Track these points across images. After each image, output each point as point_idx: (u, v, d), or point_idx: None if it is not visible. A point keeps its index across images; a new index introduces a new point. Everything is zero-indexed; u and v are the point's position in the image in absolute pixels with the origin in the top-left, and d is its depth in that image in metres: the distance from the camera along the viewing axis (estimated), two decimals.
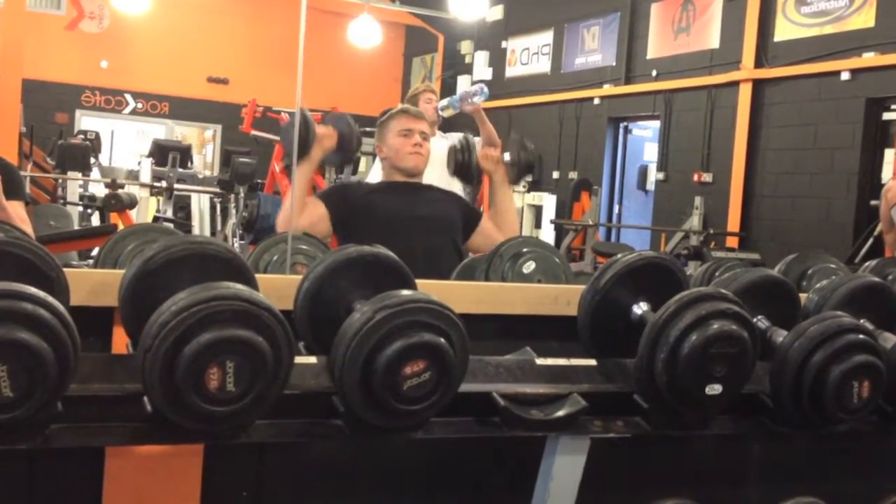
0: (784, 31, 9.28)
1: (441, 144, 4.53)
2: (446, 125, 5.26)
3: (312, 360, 1.56)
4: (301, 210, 3.14)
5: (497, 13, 13.57)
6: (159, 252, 1.53)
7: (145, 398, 1.37)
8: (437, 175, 3.76)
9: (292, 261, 2.14)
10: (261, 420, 1.45)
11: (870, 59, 8.28)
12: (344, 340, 1.45)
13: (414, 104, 5.05)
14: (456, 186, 3.97)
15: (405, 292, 1.51)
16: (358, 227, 3.16)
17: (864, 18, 8.45)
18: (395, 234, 3.00)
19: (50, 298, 1.28)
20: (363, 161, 10.49)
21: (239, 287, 1.38)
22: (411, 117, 3.36)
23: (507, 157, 3.31)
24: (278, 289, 1.70)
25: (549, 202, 11.94)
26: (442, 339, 1.47)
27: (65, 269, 1.54)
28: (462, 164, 3.27)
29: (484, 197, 8.66)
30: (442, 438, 1.59)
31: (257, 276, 1.67)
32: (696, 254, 7.73)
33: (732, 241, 9.38)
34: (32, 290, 1.27)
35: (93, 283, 1.68)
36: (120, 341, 1.65)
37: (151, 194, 8.97)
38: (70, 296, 1.53)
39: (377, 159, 3.65)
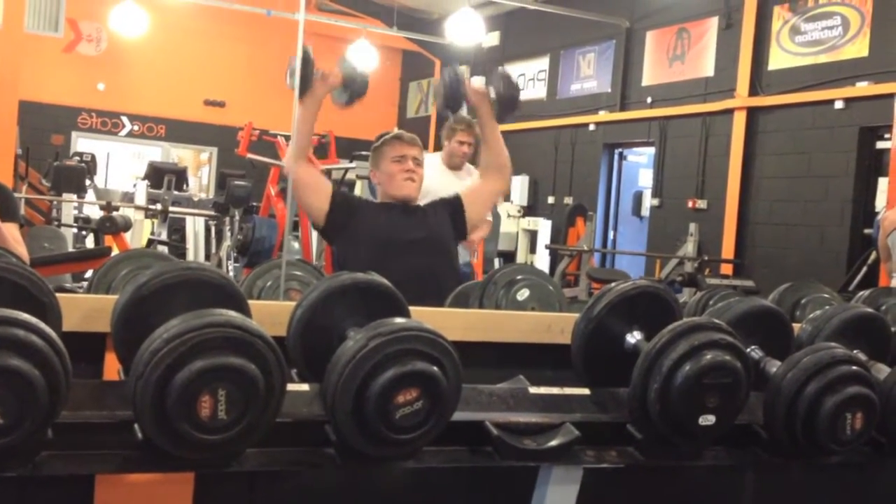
0: (778, 59, 9.34)
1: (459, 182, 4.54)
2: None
3: (305, 387, 1.56)
4: (305, 152, 3.24)
5: (493, 39, 13.64)
6: (152, 278, 1.53)
7: (136, 426, 1.36)
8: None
9: (286, 287, 2.13)
10: (252, 448, 1.44)
11: (863, 88, 8.33)
12: (337, 368, 1.44)
13: (449, 136, 5.07)
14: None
15: (398, 320, 1.51)
16: (352, 240, 3.17)
17: (858, 48, 8.51)
18: (389, 256, 3.02)
19: (42, 325, 1.28)
20: (358, 185, 10.50)
21: (231, 314, 1.38)
22: (405, 143, 3.36)
23: (491, 92, 3.29)
24: (271, 315, 1.70)
25: (544, 227, 11.95)
26: (435, 368, 1.46)
27: (57, 295, 1.53)
28: (450, 95, 3.26)
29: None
30: (434, 467, 1.58)
31: (250, 302, 1.67)
32: (691, 280, 7.73)
33: (727, 268, 9.39)
34: (24, 316, 1.27)
35: (85, 308, 1.67)
36: (112, 367, 1.65)
37: (146, 217, 8.96)
38: (62, 321, 1.53)
39: None
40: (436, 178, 4.35)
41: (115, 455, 1.40)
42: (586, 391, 1.76)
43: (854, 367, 1.70)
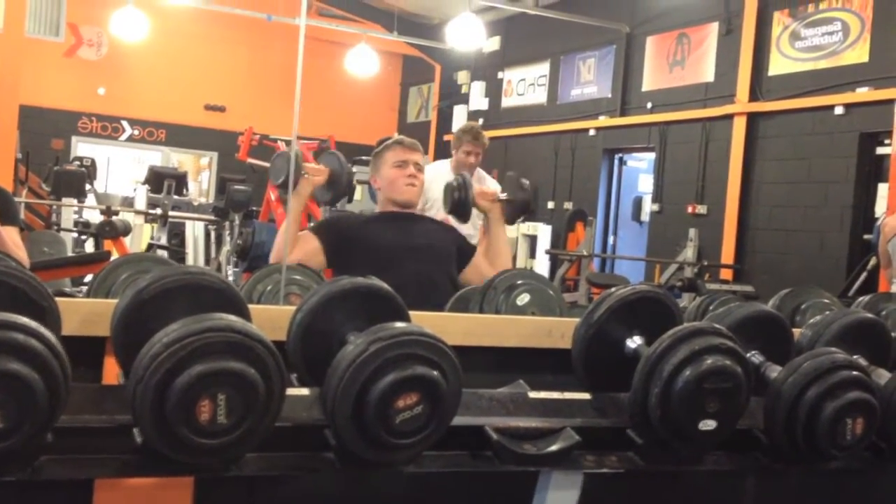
0: (778, 65, 9.35)
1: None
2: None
3: (305, 392, 1.55)
4: (294, 245, 3.14)
5: (494, 44, 13.66)
6: (152, 282, 1.52)
7: (135, 430, 1.36)
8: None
9: (286, 291, 2.13)
10: (251, 453, 1.44)
11: (863, 93, 8.34)
12: (337, 373, 1.44)
13: (456, 146, 5.12)
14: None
15: (399, 324, 1.51)
16: (352, 257, 3.16)
17: (858, 54, 8.52)
18: (390, 263, 3.02)
19: (41, 328, 1.27)
20: (359, 190, 10.50)
21: (231, 318, 1.37)
22: (406, 149, 3.37)
23: (503, 196, 3.33)
24: (271, 319, 1.70)
25: (543, 232, 11.96)
26: (435, 372, 1.46)
27: (57, 299, 1.53)
28: (458, 202, 3.28)
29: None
30: (434, 472, 1.58)
31: (250, 306, 1.67)
32: (691, 286, 7.74)
33: (727, 274, 9.39)
34: (24, 319, 1.26)
35: (85, 312, 1.67)
36: (111, 372, 1.65)
37: (146, 221, 8.97)
38: (62, 325, 1.53)
39: None
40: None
41: (115, 459, 1.40)
42: (586, 396, 1.75)
43: (854, 373, 1.70)
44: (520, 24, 13.22)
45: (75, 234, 8.64)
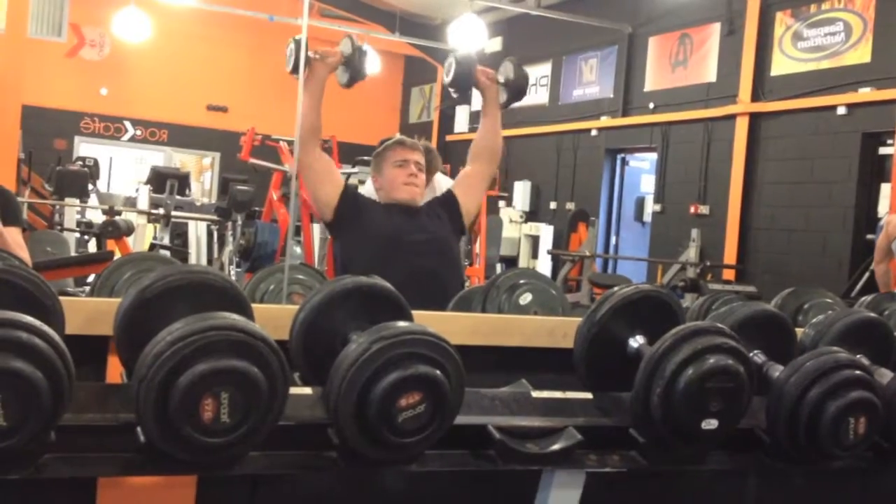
0: (781, 65, 9.34)
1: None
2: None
3: (307, 391, 1.55)
4: (317, 135, 3.21)
5: (496, 45, 13.66)
6: (156, 281, 1.53)
7: (139, 428, 1.36)
8: None
9: (289, 290, 2.13)
10: (254, 451, 1.44)
11: (866, 94, 8.33)
12: (339, 371, 1.44)
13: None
14: None
15: (401, 324, 1.51)
16: (359, 239, 3.17)
17: (861, 54, 8.51)
18: (393, 257, 3.04)
19: (45, 327, 1.28)
20: (361, 190, 10.50)
21: (235, 317, 1.38)
22: (407, 148, 3.38)
23: (500, 77, 3.35)
24: (274, 318, 1.70)
25: (546, 232, 11.96)
26: (438, 372, 1.46)
27: (61, 298, 1.53)
28: (459, 75, 3.29)
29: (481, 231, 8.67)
30: (437, 471, 1.58)
31: (253, 305, 1.67)
32: (693, 286, 7.74)
33: (729, 274, 9.39)
34: (28, 318, 1.27)
35: (88, 311, 1.67)
36: (114, 370, 1.65)
37: (149, 221, 8.97)
38: (66, 324, 1.53)
39: (368, 179, 3.66)
40: None
41: (118, 458, 1.40)
42: (589, 395, 1.75)
43: (857, 372, 1.70)
44: (522, 24, 13.22)
45: (78, 235, 8.64)
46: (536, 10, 12.36)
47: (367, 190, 4.05)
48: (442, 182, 5.13)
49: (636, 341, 1.76)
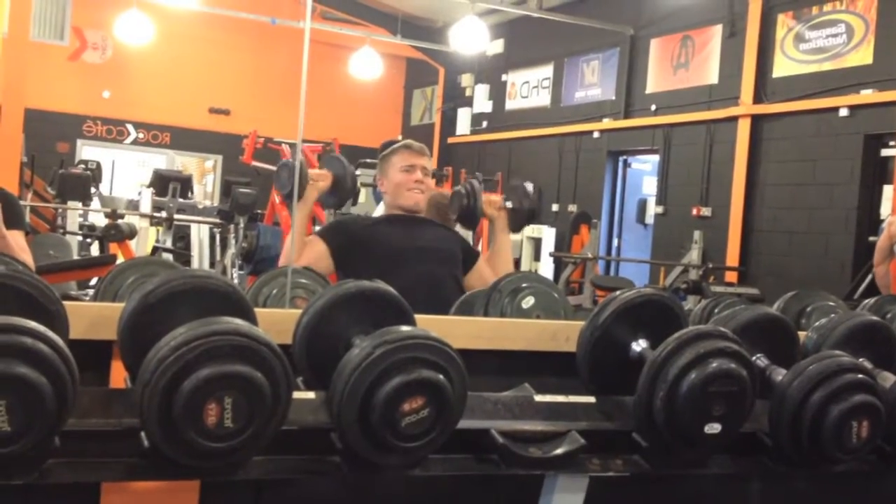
0: (783, 67, 9.34)
1: None
2: None
3: (311, 395, 1.56)
4: (301, 250, 3.14)
5: (497, 47, 13.67)
6: (159, 286, 1.53)
7: (142, 433, 1.36)
8: None
9: (292, 295, 2.13)
10: (258, 456, 1.44)
11: (868, 95, 8.33)
12: (342, 376, 1.45)
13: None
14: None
15: (404, 328, 1.51)
16: (359, 259, 3.16)
17: (863, 55, 8.51)
18: (397, 265, 3.03)
19: (49, 332, 1.28)
20: (363, 193, 10.51)
21: (238, 322, 1.38)
22: (414, 153, 3.36)
23: (509, 204, 3.34)
24: (277, 323, 1.70)
25: (548, 235, 11.96)
26: (441, 376, 1.46)
27: (64, 303, 1.53)
28: (466, 209, 3.30)
29: (483, 234, 8.67)
30: (440, 475, 1.58)
31: (256, 310, 1.67)
32: (696, 288, 7.73)
33: (731, 276, 9.39)
34: (32, 324, 1.27)
35: (92, 316, 1.67)
36: (118, 375, 1.65)
37: (151, 224, 8.98)
38: (69, 329, 1.53)
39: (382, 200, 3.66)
40: None
41: (122, 463, 1.41)
42: (592, 399, 1.75)
43: (860, 376, 1.69)
44: (523, 26, 13.23)
45: (80, 238, 8.65)
46: (538, 12, 12.37)
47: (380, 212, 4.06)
48: None
49: (639, 345, 1.77)
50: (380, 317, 1.62)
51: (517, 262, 11.91)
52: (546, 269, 11.44)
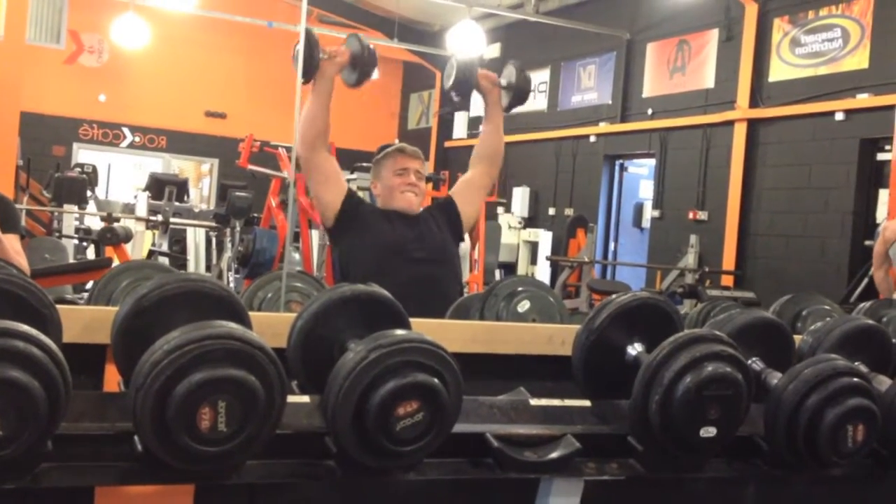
0: (779, 71, 9.36)
1: None
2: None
3: (305, 399, 1.55)
4: (325, 136, 3.20)
5: (494, 51, 13.68)
6: (153, 290, 1.52)
7: (136, 437, 1.36)
8: None
9: (287, 298, 2.13)
10: (252, 460, 1.44)
11: (864, 100, 8.34)
12: (337, 380, 1.44)
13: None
14: None
15: (399, 332, 1.51)
16: (359, 245, 3.16)
17: (858, 60, 8.53)
18: (394, 264, 3.04)
19: (42, 336, 1.27)
20: (362, 196, 10.50)
21: (232, 326, 1.38)
22: (407, 156, 3.36)
23: (503, 81, 3.36)
24: (272, 326, 1.70)
25: (545, 238, 11.96)
26: (435, 380, 1.46)
27: (58, 306, 1.53)
28: (461, 79, 3.31)
29: (479, 238, 8.67)
30: (435, 479, 1.58)
31: (251, 313, 1.67)
32: (692, 292, 7.74)
33: (727, 280, 9.39)
34: (24, 327, 1.27)
35: (86, 319, 1.67)
36: (112, 379, 1.65)
37: (147, 228, 8.97)
38: (63, 333, 1.53)
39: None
40: None
41: (115, 467, 1.40)
42: (587, 403, 1.75)
43: (855, 379, 1.69)
44: (520, 30, 13.24)
45: (76, 241, 8.64)
46: (535, 16, 12.39)
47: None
48: None
49: (634, 349, 1.77)
50: (374, 320, 1.62)
51: (513, 267, 11.92)
52: (543, 272, 11.44)
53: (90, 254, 8.70)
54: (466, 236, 5.49)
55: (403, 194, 3.28)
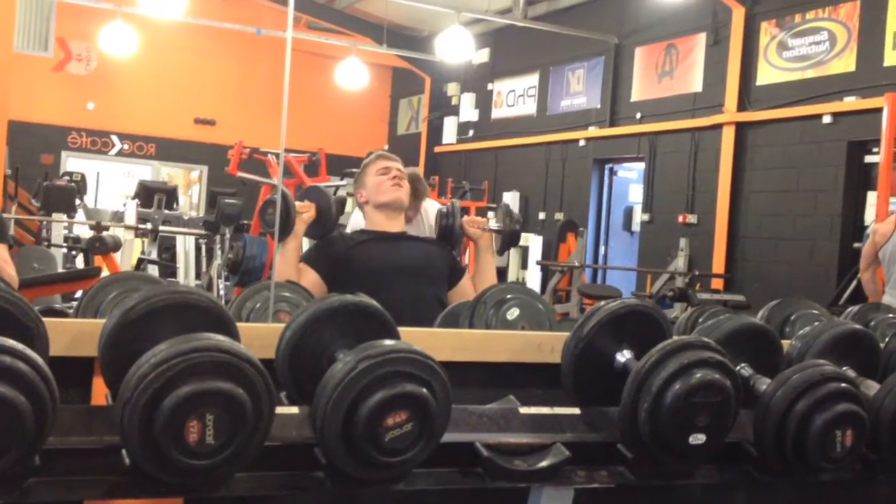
0: (766, 75, 9.39)
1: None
2: None
3: (294, 410, 1.55)
4: (294, 275, 3.13)
5: (483, 56, 13.70)
6: (140, 302, 1.52)
7: (124, 451, 1.35)
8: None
9: (275, 309, 2.13)
10: (241, 473, 1.43)
11: (851, 102, 8.38)
12: (326, 391, 1.44)
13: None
14: None
15: (388, 342, 1.51)
16: (345, 280, 3.15)
17: (845, 63, 8.57)
18: (380, 285, 3.02)
19: (28, 351, 1.27)
20: (349, 202, 10.49)
21: (219, 338, 1.37)
22: (388, 159, 3.44)
23: (493, 225, 3.36)
24: (260, 337, 1.70)
25: (535, 243, 11.97)
26: (424, 390, 1.46)
27: (45, 319, 1.52)
28: (446, 229, 3.33)
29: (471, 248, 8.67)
30: (424, 489, 1.58)
31: (239, 324, 1.66)
32: (682, 295, 7.76)
33: (717, 283, 9.41)
34: (10, 342, 1.26)
35: (73, 332, 1.66)
36: (100, 392, 1.64)
37: (136, 236, 8.94)
38: (49, 346, 1.52)
39: (356, 208, 3.66)
40: None
41: (103, 481, 1.39)
42: (576, 411, 1.75)
43: (843, 385, 1.70)
44: (509, 35, 13.27)
45: (65, 250, 8.60)
46: (523, 21, 12.41)
47: (354, 222, 4.04)
48: (430, 208, 5.16)
49: (623, 356, 1.77)
50: (363, 331, 1.62)
51: (504, 272, 11.92)
52: (533, 277, 11.44)
53: (79, 262, 8.66)
54: None
55: (390, 188, 3.32)
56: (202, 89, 14.98)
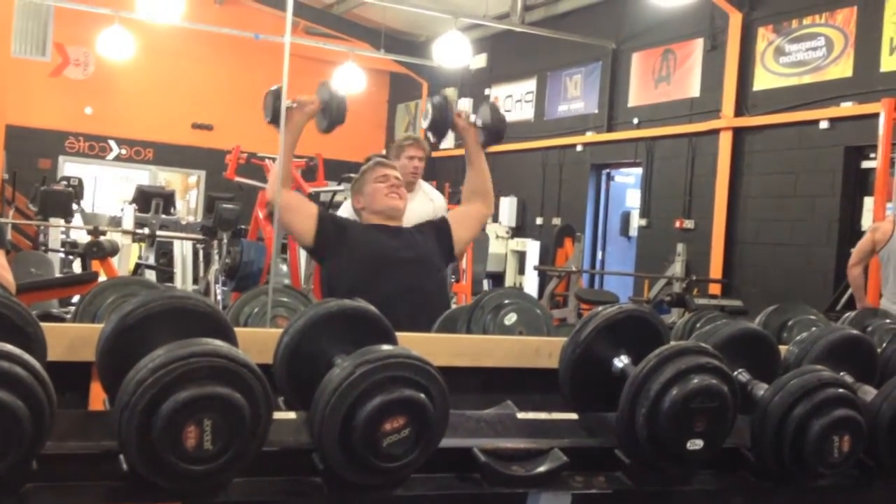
0: (763, 80, 9.40)
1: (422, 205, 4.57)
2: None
3: (291, 415, 1.55)
4: (287, 180, 3.20)
5: (481, 61, 13.71)
6: (137, 307, 1.52)
7: (121, 456, 1.35)
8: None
9: (273, 314, 2.13)
10: (238, 478, 1.43)
11: (848, 108, 8.39)
12: (323, 396, 1.44)
13: (398, 153, 5.09)
14: None
15: (385, 347, 1.51)
16: (343, 259, 3.17)
17: (842, 68, 8.58)
18: (379, 274, 3.06)
19: (25, 356, 1.27)
20: (339, 211, 10.50)
21: (217, 343, 1.37)
22: (386, 166, 3.45)
23: (477, 120, 3.36)
24: (258, 343, 1.70)
25: (532, 248, 11.97)
26: (422, 395, 1.46)
27: (43, 324, 1.52)
28: (437, 120, 3.32)
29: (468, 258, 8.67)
30: (422, 495, 1.58)
31: (237, 329, 1.67)
32: (679, 301, 7.75)
33: (715, 288, 9.41)
34: (8, 347, 1.26)
35: (70, 337, 1.66)
36: (97, 397, 1.64)
37: (134, 241, 8.93)
38: (47, 351, 1.52)
39: (347, 201, 3.68)
40: None
41: (101, 486, 1.39)
42: (574, 416, 1.75)
43: (841, 390, 1.70)
44: (506, 41, 13.27)
45: (63, 255, 8.60)
46: (521, 27, 12.42)
47: (346, 211, 4.06)
48: (426, 188, 5.19)
49: (621, 361, 1.77)
50: (361, 336, 1.62)
51: (501, 277, 11.92)
52: (530, 282, 11.44)
53: (76, 267, 8.65)
54: None
55: (387, 196, 3.33)
56: (200, 94, 14.98)
